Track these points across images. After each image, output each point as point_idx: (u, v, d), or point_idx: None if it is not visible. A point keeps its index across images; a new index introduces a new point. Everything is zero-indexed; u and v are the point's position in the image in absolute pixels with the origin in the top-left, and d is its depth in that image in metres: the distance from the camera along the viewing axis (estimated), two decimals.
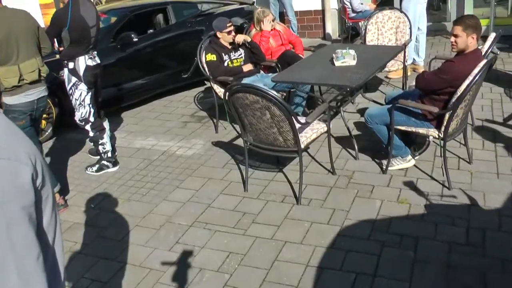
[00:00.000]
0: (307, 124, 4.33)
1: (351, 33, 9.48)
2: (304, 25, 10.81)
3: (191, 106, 7.37)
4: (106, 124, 5.67)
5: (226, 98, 4.27)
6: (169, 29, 7.76)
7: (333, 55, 5.36)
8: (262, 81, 5.73)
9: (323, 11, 10.53)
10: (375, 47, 6.39)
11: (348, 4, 8.73)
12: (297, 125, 4.20)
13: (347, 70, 5.10)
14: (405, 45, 6.28)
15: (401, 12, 6.78)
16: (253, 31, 6.48)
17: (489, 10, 8.80)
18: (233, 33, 5.84)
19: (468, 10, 9.65)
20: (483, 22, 9.28)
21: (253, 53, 6.01)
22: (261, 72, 6.21)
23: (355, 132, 5.76)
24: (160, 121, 6.91)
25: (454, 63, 4.11)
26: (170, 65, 7.67)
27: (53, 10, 13.48)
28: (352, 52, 5.30)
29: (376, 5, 9.03)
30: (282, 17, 10.49)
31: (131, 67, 7.22)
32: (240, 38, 5.84)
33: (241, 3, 8.99)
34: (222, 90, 5.92)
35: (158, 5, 8.09)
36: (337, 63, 5.28)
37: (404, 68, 6.38)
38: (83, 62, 5.10)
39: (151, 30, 8.02)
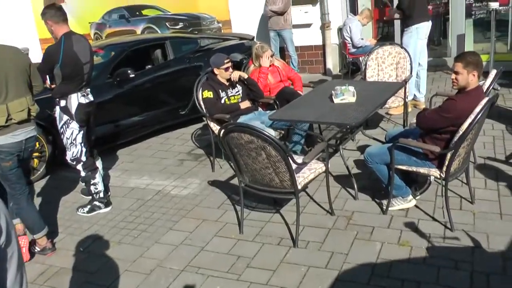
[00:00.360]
0: (304, 164, 4.17)
1: (352, 68, 9.40)
2: (304, 60, 10.75)
3: (188, 144, 7.23)
4: (99, 163, 5.53)
5: (221, 137, 4.12)
6: (167, 65, 7.68)
7: (332, 92, 5.24)
8: (260, 118, 5.60)
9: (323, 46, 10.47)
10: (375, 83, 6.27)
11: (349, 39, 8.65)
12: (294, 166, 4.05)
13: (347, 107, 4.97)
14: (405, 81, 6.16)
15: (402, 47, 6.68)
16: (252, 67, 6.38)
17: (489, 46, 8.71)
18: (230, 70, 5.73)
19: (468, 45, 9.58)
20: (483, 58, 9.19)
21: (251, 90, 5.89)
22: (259, 109, 6.09)
23: (354, 170, 5.60)
24: (156, 159, 6.76)
25: (455, 101, 3.98)
26: (167, 101, 7.56)
27: None
28: (351, 88, 5.18)
29: (376, 40, 8.95)
30: (283, 52, 10.44)
31: (127, 103, 7.11)
32: (236, 74, 5.73)
33: (241, 39, 8.94)
34: (218, 128, 5.81)
35: (156, 40, 8.06)
36: (336, 100, 5.15)
37: (405, 105, 6.25)
38: (76, 99, 4.98)
39: (149, 66, 7.95)
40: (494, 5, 8.10)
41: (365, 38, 8.81)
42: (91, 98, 5.17)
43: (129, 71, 6.82)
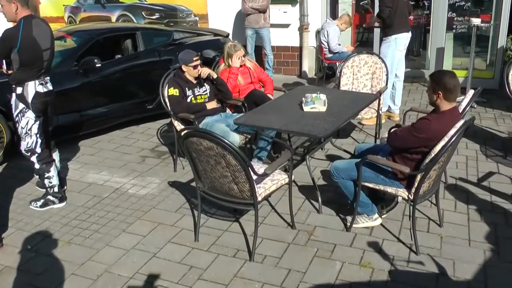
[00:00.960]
0: (265, 175, 3.96)
1: (328, 72, 9.22)
2: (280, 61, 10.55)
3: (153, 140, 6.98)
4: (55, 155, 5.26)
5: (180, 141, 3.89)
6: (136, 56, 7.40)
7: (303, 99, 5.04)
8: (226, 121, 5.38)
9: (300, 48, 10.28)
10: (348, 93, 6.09)
11: (325, 43, 8.46)
12: (255, 176, 3.84)
13: (316, 116, 4.78)
14: (380, 93, 5.99)
15: (379, 57, 6.51)
16: (222, 66, 6.15)
17: (468, 60, 8.61)
18: (199, 68, 5.49)
19: (448, 59, 9.48)
20: (461, 74, 9.14)
21: (219, 90, 5.66)
22: (227, 110, 5.86)
23: (320, 181, 5.43)
24: (118, 154, 6.50)
25: (429, 121, 3.80)
26: (135, 94, 7.30)
27: None
28: (323, 97, 4.99)
29: (354, 47, 8.78)
30: (259, 50, 10.21)
31: (93, 93, 6.84)
32: (204, 71, 5.49)
33: (216, 35, 8.69)
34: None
35: (127, 30, 7.77)
36: (306, 108, 4.95)
37: (378, 117, 6.08)
38: (33, 88, 4.70)
39: (118, 56, 7.66)
40: (476, 21, 7.99)
41: (342, 44, 8.61)
42: (50, 87, 4.90)
43: (95, 60, 6.54)
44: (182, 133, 3.81)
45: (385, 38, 7.16)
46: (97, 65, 6.54)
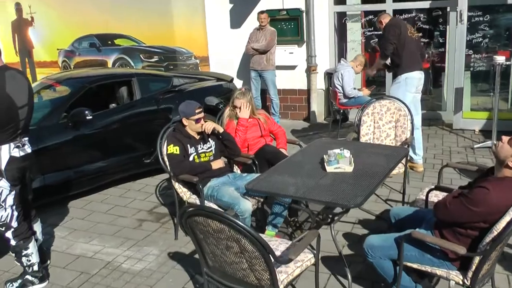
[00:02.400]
0: (289, 261, 3.21)
1: (341, 117, 8.48)
2: (287, 105, 9.88)
3: (151, 199, 6.24)
4: (37, 227, 4.54)
5: (181, 220, 3.16)
6: (132, 106, 6.72)
7: (324, 156, 4.33)
8: (235, 183, 4.66)
9: (308, 91, 9.63)
10: (373, 146, 5.37)
11: (340, 88, 7.74)
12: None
13: (342, 179, 4.06)
14: (407, 145, 5.29)
15: (402, 103, 5.82)
16: (226, 114, 5.46)
17: (486, 100, 7.93)
18: (202, 121, 4.80)
19: (465, 99, 8.78)
20: (481, 115, 8.48)
21: (226, 146, 4.96)
22: (236, 169, 5.15)
23: (346, 250, 4.67)
24: (111, 217, 5.76)
25: (489, 192, 3.07)
26: (130, 147, 6.60)
27: None
28: (347, 154, 4.28)
29: (370, 91, 8.09)
30: (264, 94, 9.56)
31: (84, 148, 6.15)
32: (209, 126, 4.80)
33: (219, 79, 8.01)
34: (186, 191, 4.84)
35: (122, 76, 7.10)
36: (329, 169, 4.24)
37: (406, 172, 5.35)
38: (7, 152, 3.98)
39: (113, 105, 6.99)
40: (500, 60, 7.32)
41: (357, 88, 7.92)
42: (28, 150, 4.18)
43: (86, 112, 5.87)
44: (184, 213, 3.07)
45: (394, 78, 6.54)
46: (87, 117, 5.86)
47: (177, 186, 4.84)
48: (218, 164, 4.87)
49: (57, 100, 6.40)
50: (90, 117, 5.89)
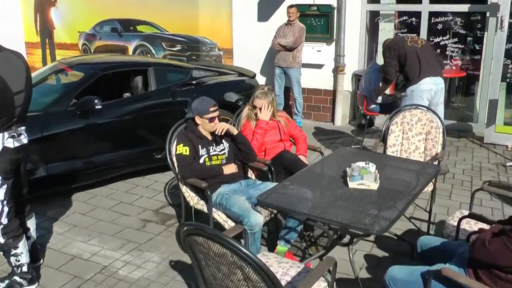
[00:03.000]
0: None
1: (366, 122, 7.99)
2: (310, 105, 9.44)
3: (159, 197, 5.87)
4: (31, 223, 4.21)
5: (180, 238, 2.77)
6: (146, 97, 6.36)
7: (347, 170, 3.91)
8: (247, 192, 4.27)
9: (334, 92, 9.17)
10: (401, 160, 4.91)
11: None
12: None
13: (366, 197, 3.65)
14: (438, 161, 4.85)
15: (435, 114, 5.36)
16: (245, 113, 5.05)
17: None
18: (216, 121, 4.40)
19: (500, 111, 8.25)
20: None
21: (240, 149, 4.56)
22: (250, 174, 4.75)
23: (364, 273, 4.26)
24: (115, 214, 5.41)
25: None
26: (141, 141, 6.24)
27: (39, 51, 12.31)
28: (372, 169, 3.86)
29: (400, 97, 7.57)
30: (287, 92, 9.15)
31: (91, 139, 5.82)
32: (221, 127, 4.39)
33: (241, 74, 7.59)
34: (193, 195, 4.46)
35: (138, 65, 6.75)
36: (352, 184, 3.82)
37: (434, 191, 4.90)
38: (0, 142, 3.63)
39: (127, 94, 6.64)
40: None
41: (387, 94, 7.41)
42: (25, 141, 3.84)
43: (96, 101, 5.53)
44: (182, 229, 2.68)
45: (403, 93, 6.30)
46: (96, 107, 5.51)
47: (184, 189, 4.47)
48: (230, 168, 4.47)
49: (67, 85, 6.07)
50: (100, 106, 5.54)
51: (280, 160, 4.75)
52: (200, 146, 4.39)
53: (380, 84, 6.63)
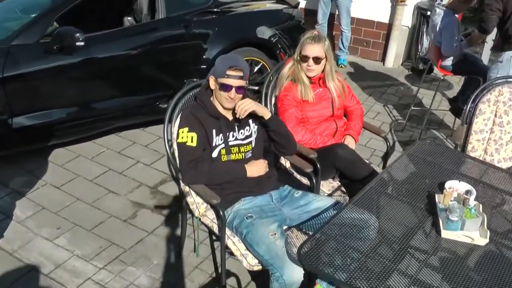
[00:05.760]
0: None
1: (427, 67, 6.24)
2: (359, 39, 7.75)
3: (159, 165, 4.50)
4: None
5: None
6: (152, 28, 4.79)
7: (437, 202, 2.50)
8: (279, 214, 2.84)
9: (389, 26, 7.44)
10: (497, 172, 3.31)
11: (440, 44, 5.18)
12: None
13: (467, 259, 2.26)
14: None
15: None
16: (287, 72, 3.53)
17: None
18: (233, 93, 2.86)
19: None
20: None
21: (273, 140, 3.08)
22: (284, 162, 3.29)
23: None
24: (98, 190, 4.09)
25: None
26: (142, 87, 4.76)
27: None
28: (477, 206, 2.45)
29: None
30: (332, 20, 7.51)
31: (73, 83, 4.34)
32: (244, 107, 2.87)
33: (280, 0, 5.90)
34: (200, 202, 3.06)
35: None
36: (447, 233, 2.40)
37: None
38: None
39: (129, 18, 5.12)
40: None
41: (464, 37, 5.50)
42: None
43: (77, 35, 4.02)
44: None
45: (493, 57, 4.45)
46: (78, 43, 4.01)
47: (186, 191, 3.04)
48: (257, 169, 2.99)
49: (41, 6, 4.46)
50: (82, 43, 4.04)
51: (332, 158, 3.24)
52: (214, 131, 2.92)
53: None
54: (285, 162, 3.54)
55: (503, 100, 3.85)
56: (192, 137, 2.84)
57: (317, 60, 3.35)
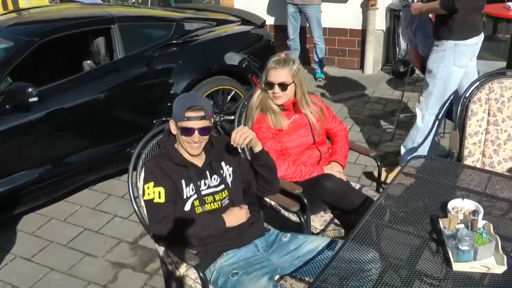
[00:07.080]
0: None
1: (408, 69, 5.98)
2: (333, 49, 7.51)
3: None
4: None
5: None
6: (110, 70, 4.49)
7: (443, 230, 2.25)
8: (268, 264, 2.50)
9: (363, 32, 7.21)
10: (501, 182, 2.98)
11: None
12: None
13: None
14: None
15: None
16: (256, 99, 3.21)
17: None
18: (196, 136, 2.53)
19: None
20: None
21: (260, 176, 2.74)
22: (271, 229, 2.92)
23: None
24: (73, 256, 3.74)
25: None
26: (109, 133, 4.45)
27: None
28: (490, 228, 2.14)
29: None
30: (303, 33, 7.26)
31: (34, 141, 4.02)
32: (244, 135, 2.55)
33: (244, 21, 5.61)
34: (179, 261, 2.71)
35: (95, 22, 4.71)
36: (459, 266, 2.10)
37: None
38: None
39: (89, 62, 4.82)
40: None
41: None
42: None
43: (29, 90, 3.70)
44: None
45: (437, 43, 4.16)
46: (31, 99, 3.69)
47: (162, 252, 2.71)
48: (237, 216, 2.64)
49: None
50: (35, 98, 3.71)
51: (320, 192, 2.92)
52: (183, 182, 2.58)
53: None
54: (270, 199, 3.21)
55: (494, 97, 3.62)
56: (159, 192, 2.51)
57: (283, 86, 3.04)
